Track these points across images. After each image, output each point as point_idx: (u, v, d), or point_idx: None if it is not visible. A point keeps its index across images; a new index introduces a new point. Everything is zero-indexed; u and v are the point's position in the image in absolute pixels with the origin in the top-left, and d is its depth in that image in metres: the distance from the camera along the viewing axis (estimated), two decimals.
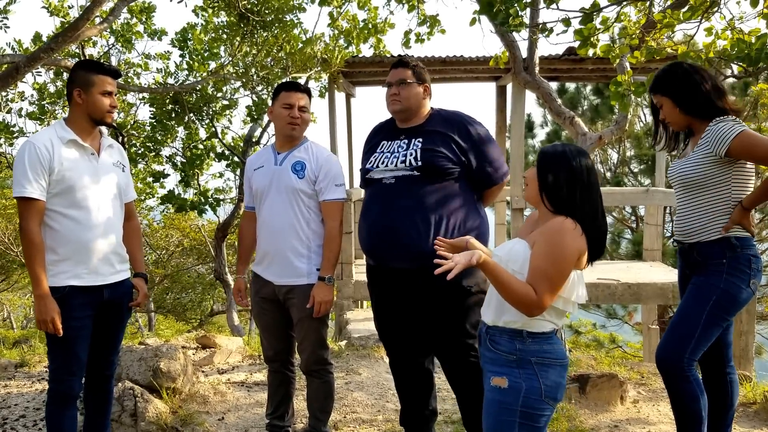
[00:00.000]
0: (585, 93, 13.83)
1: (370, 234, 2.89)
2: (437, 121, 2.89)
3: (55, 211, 2.59)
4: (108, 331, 2.82)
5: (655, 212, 8.58)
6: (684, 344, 2.70)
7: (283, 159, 3.05)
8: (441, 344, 2.87)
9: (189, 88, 9.08)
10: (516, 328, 2.07)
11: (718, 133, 2.64)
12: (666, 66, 2.88)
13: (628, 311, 13.10)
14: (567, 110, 5.74)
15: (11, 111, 9.37)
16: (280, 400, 3.28)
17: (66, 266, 2.61)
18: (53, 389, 2.69)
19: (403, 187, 2.80)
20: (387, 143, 2.95)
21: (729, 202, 2.69)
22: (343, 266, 7.63)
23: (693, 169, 2.74)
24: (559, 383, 2.08)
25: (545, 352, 2.06)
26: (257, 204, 3.12)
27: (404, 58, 3.00)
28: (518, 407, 2.03)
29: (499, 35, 5.85)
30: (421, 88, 2.91)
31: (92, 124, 2.72)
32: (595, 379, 3.98)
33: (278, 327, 3.16)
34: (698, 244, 2.77)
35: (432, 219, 2.74)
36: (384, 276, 2.92)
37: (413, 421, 3.10)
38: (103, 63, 2.75)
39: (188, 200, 10.02)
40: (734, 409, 2.96)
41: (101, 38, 9.67)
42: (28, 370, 4.72)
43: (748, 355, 5.81)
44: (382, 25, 8.99)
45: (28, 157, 2.53)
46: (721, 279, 2.68)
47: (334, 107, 9.00)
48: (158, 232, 17.91)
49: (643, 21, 4.99)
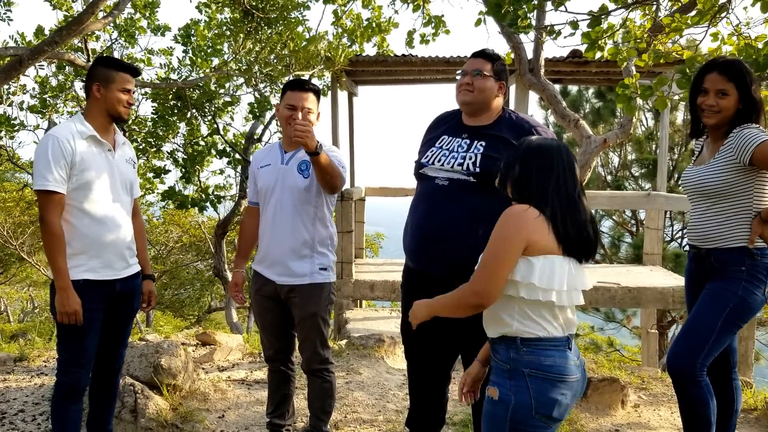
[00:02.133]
0: (587, 96, 13.82)
1: (414, 236, 2.77)
2: (506, 125, 2.71)
3: (72, 206, 2.60)
4: (118, 324, 2.85)
5: (656, 216, 8.58)
6: (698, 350, 2.68)
7: (289, 158, 3.03)
8: (471, 351, 2.80)
9: (191, 84, 9.06)
10: (509, 334, 1.96)
11: (742, 139, 2.58)
12: (737, 61, 2.75)
13: (626, 315, 13.10)
14: (572, 113, 5.74)
15: (12, 104, 9.35)
16: (280, 399, 3.26)
17: (81, 260, 2.62)
18: (61, 381, 2.70)
19: (456, 192, 2.63)
20: (448, 139, 2.77)
21: (750, 211, 2.66)
22: (343, 265, 7.62)
23: (714, 176, 2.69)
24: (556, 400, 1.89)
25: (540, 365, 1.90)
26: (262, 202, 3.10)
27: (487, 50, 2.78)
28: (507, 421, 1.91)
29: (506, 36, 5.84)
30: (498, 85, 2.73)
31: (109, 120, 2.74)
32: (597, 383, 3.97)
33: (279, 326, 3.14)
34: (716, 251, 2.73)
35: (479, 231, 2.55)
36: (421, 280, 2.77)
37: (421, 425, 3.06)
38: (123, 61, 2.78)
39: (189, 197, 10.02)
40: (738, 414, 2.96)
41: (104, 33, 9.67)
42: (27, 365, 4.69)
43: (748, 361, 5.81)
44: (386, 25, 8.97)
45: (51, 150, 2.54)
46: (740, 286, 2.66)
47: (337, 106, 9.00)
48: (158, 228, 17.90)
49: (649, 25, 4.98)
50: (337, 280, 7.81)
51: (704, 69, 2.76)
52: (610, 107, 12.94)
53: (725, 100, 2.67)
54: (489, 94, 2.72)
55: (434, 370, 2.97)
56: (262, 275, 3.09)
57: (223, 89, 9.87)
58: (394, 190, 9.66)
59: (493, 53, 2.78)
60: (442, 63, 8.19)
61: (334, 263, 3.13)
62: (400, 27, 9.50)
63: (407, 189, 9.03)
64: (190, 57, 9.54)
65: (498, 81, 2.74)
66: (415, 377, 3.02)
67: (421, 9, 7.91)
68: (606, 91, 12.85)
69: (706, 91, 2.71)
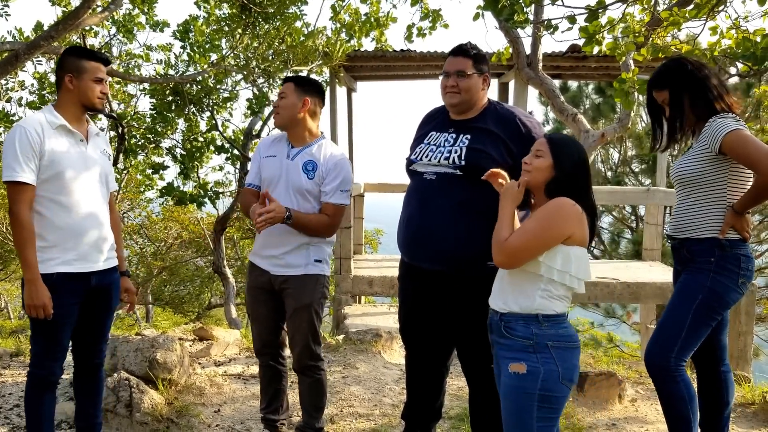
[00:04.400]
0: (587, 92, 13.80)
1: (405, 230, 2.80)
2: (491, 117, 2.73)
3: (44, 197, 2.56)
4: (95, 318, 2.79)
5: (656, 212, 8.56)
6: (670, 344, 2.67)
7: (296, 154, 3.00)
8: (466, 344, 2.78)
9: (189, 79, 9.04)
10: (530, 312, 2.14)
11: (714, 128, 2.60)
12: (670, 61, 2.83)
13: (626, 311, 13.09)
14: (570, 107, 5.72)
15: (11, 100, 9.34)
16: (273, 395, 3.24)
17: (54, 253, 2.58)
18: (33, 373, 2.67)
19: (443, 186, 2.66)
20: (435, 134, 2.80)
21: (724, 202, 2.65)
22: (341, 261, 7.61)
23: (689, 165, 2.71)
24: (575, 365, 2.16)
25: (560, 336, 2.13)
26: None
27: (464, 45, 2.78)
28: (537, 391, 2.09)
29: (503, 31, 5.82)
30: (481, 79, 2.73)
31: (82, 111, 2.69)
32: (594, 378, 3.96)
33: (270, 318, 3.12)
34: (688, 241, 2.74)
35: (469, 223, 2.61)
36: (416, 274, 2.81)
37: (416, 417, 3.06)
38: (94, 50, 2.72)
39: (187, 193, 10.00)
40: (730, 408, 2.94)
41: (103, 29, 9.64)
42: (24, 360, 4.69)
43: (746, 356, 5.81)
44: (384, 19, 8.96)
45: (18, 141, 2.50)
46: (708, 278, 2.64)
47: (335, 101, 8.97)
48: (157, 224, 17.90)
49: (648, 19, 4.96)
50: (336, 275, 7.81)
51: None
52: (610, 103, 12.92)
53: (667, 107, 2.80)
54: (475, 92, 2.74)
55: (432, 362, 2.97)
56: (257, 266, 3.08)
57: (221, 85, 9.84)
58: (393, 186, 9.62)
59: (469, 47, 2.77)
60: (440, 58, 8.16)
61: (329, 257, 3.12)
62: (398, 22, 9.45)
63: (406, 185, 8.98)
64: (188, 53, 9.51)
65: (481, 75, 2.75)
66: (413, 369, 3.02)
67: (419, 3, 7.89)
68: (606, 86, 12.83)
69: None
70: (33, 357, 2.68)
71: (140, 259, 17.89)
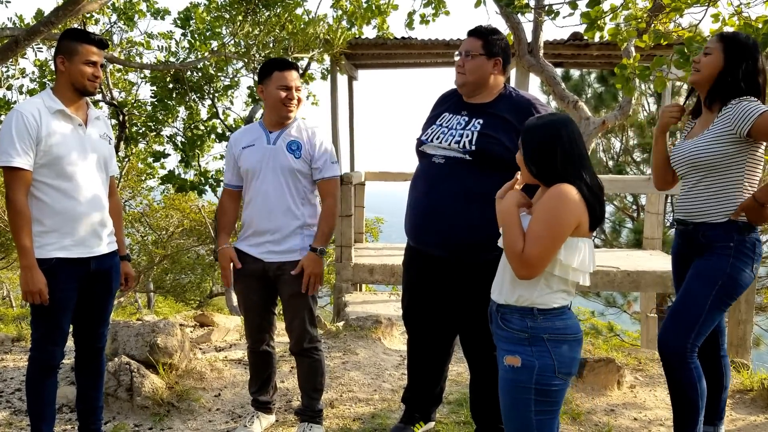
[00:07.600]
0: (589, 80, 13.74)
1: (412, 214, 2.79)
2: (506, 103, 2.69)
3: (42, 182, 2.55)
4: (95, 303, 2.79)
5: (657, 201, 8.56)
6: (688, 330, 2.64)
7: (276, 138, 2.97)
8: (469, 330, 2.78)
9: (190, 66, 9.02)
10: (526, 305, 2.06)
11: (742, 110, 2.53)
12: (740, 34, 2.74)
13: (627, 300, 13.10)
14: (571, 94, 5.70)
15: (12, 87, 9.33)
16: (265, 378, 3.26)
17: (53, 238, 2.58)
18: (34, 357, 2.69)
19: (452, 171, 2.63)
20: (448, 116, 2.77)
21: (741, 186, 2.62)
22: (342, 249, 7.62)
23: (707, 148, 2.64)
24: (573, 358, 2.08)
25: (557, 329, 2.05)
26: (247, 183, 3.02)
27: (479, 27, 2.73)
28: (532, 385, 2.03)
29: (504, 17, 5.78)
30: (491, 62, 2.68)
31: (77, 94, 2.66)
32: (593, 363, 3.97)
33: (263, 306, 3.11)
34: (704, 225, 2.69)
35: (475, 210, 2.57)
36: (421, 259, 2.80)
37: (417, 401, 3.07)
38: (89, 32, 2.69)
39: (188, 181, 9.99)
40: (727, 391, 2.98)
41: (103, 16, 9.61)
42: (25, 345, 4.72)
43: (746, 344, 5.82)
44: (385, 6, 8.91)
45: (15, 126, 2.48)
46: (728, 263, 2.61)
47: (336, 89, 8.93)
48: (158, 212, 17.92)
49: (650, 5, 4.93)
50: (337, 263, 7.82)
51: None
52: (612, 91, 12.86)
53: (707, 59, 2.65)
54: (482, 74, 2.69)
55: (434, 348, 2.98)
56: (248, 254, 3.03)
57: (221, 72, 9.81)
58: (395, 175, 9.63)
59: (485, 29, 2.72)
60: (441, 46, 8.12)
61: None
62: (399, 9, 9.40)
63: (407, 174, 8.99)
64: (189, 40, 9.48)
65: (492, 58, 2.69)
66: (415, 354, 3.03)
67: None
68: (608, 75, 12.77)
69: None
70: (33, 342, 2.70)
71: (142, 247, 17.93)
